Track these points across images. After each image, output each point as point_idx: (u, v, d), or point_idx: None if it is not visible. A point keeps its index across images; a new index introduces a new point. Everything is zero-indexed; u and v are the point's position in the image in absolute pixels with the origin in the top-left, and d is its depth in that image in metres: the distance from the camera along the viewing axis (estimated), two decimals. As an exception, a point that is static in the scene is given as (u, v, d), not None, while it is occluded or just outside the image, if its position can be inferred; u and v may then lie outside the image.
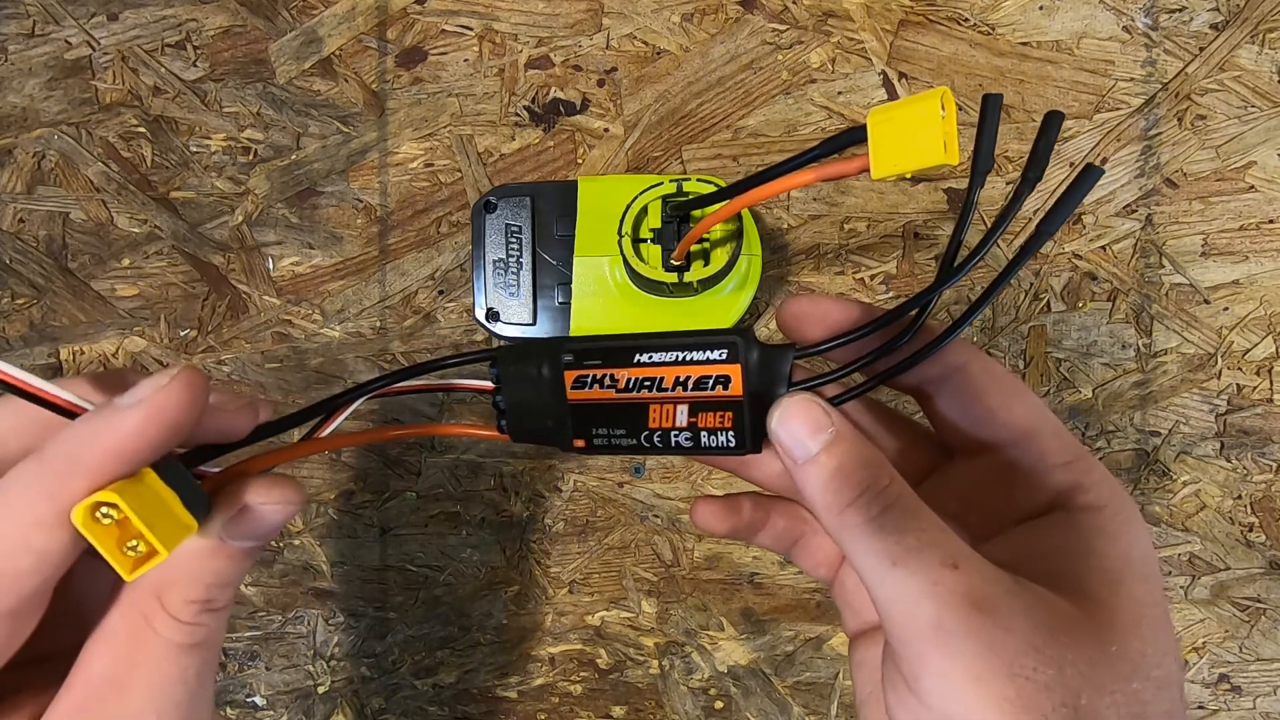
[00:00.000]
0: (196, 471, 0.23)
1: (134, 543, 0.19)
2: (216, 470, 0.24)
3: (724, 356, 0.24)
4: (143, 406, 0.20)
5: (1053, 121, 0.23)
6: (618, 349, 0.25)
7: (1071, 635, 0.20)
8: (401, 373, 0.26)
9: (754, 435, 0.24)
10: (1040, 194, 0.41)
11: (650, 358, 0.25)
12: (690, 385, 0.24)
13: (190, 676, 0.22)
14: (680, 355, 0.24)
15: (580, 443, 0.26)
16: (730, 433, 0.24)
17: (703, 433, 0.24)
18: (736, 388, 0.24)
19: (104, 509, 0.19)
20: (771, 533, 0.28)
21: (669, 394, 0.25)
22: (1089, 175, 0.23)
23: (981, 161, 0.23)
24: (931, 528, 0.21)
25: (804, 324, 0.25)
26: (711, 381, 0.24)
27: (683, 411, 0.25)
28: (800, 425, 0.22)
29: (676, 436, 0.25)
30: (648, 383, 0.25)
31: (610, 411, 0.25)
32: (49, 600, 0.22)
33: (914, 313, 0.24)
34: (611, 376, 0.25)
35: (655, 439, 0.25)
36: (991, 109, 0.23)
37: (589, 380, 0.25)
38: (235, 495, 0.22)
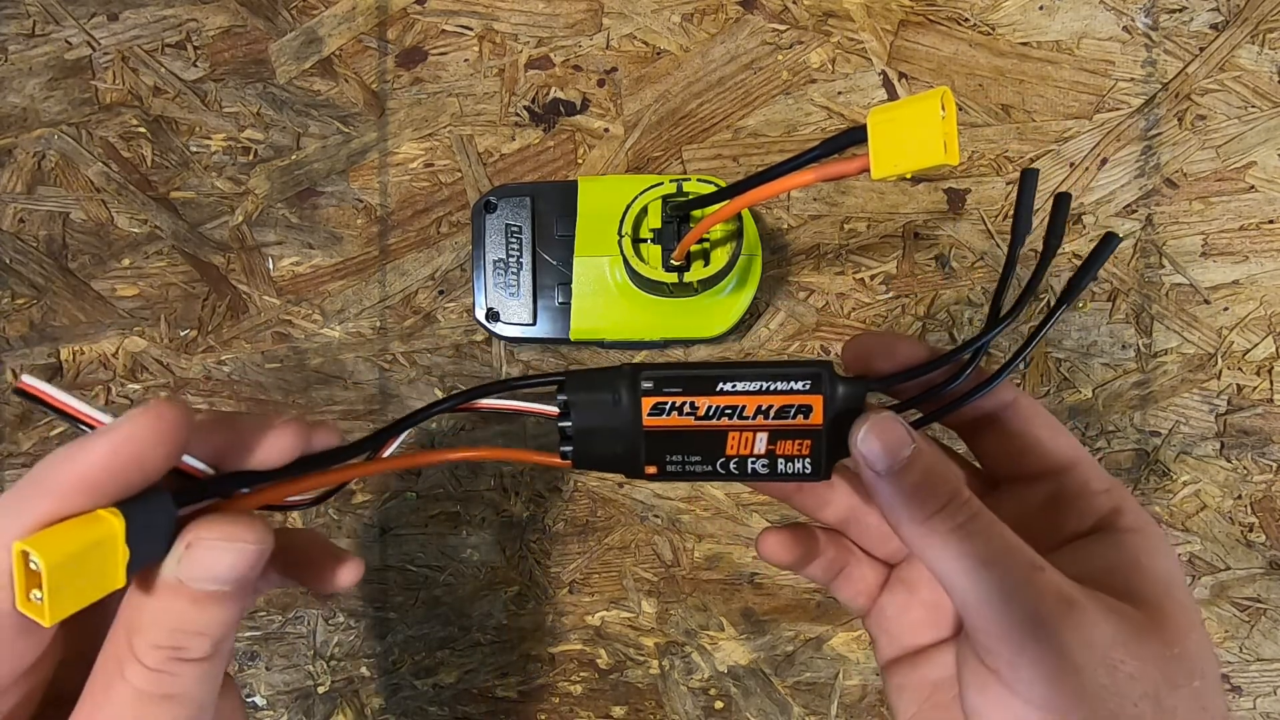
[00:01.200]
0: (236, 495, 0.23)
1: (37, 593, 0.18)
2: (246, 492, 0.23)
3: (807, 387, 0.25)
4: (108, 436, 0.20)
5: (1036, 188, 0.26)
6: (700, 377, 0.25)
7: (1144, 636, 0.22)
8: (467, 394, 0.26)
9: (829, 463, 0.25)
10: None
11: (734, 386, 0.25)
12: (772, 414, 0.25)
13: None
14: (764, 385, 0.25)
15: (653, 469, 0.26)
16: (807, 460, 0.25)
17: (780, 460, 0.25)
18: (817, 417, 0.25)
19: (32, 556, 0.18)
20: (822, 563, 0.30)
21: (749, 422, 0.25)
22: (1108, 244, 0.26)
23: (1022, 225, 0.26)
24: (1011, 535, 0.23)
25: (873, 359, 0.27)
26: (794, 411, 0.25)
27: (762, 439, 0.25)
28: (885, 441, 0.24)
29: (754, 464, 0.25)
30: (729, 411, 0.25)
31: (688, 438, 0.25)
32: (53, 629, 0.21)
33: (967, 356, 0.26)
34: (692, 404, 0.25)
35: (732, 465, 0.25)
36: (1028, 184, 0.26)
37: (668, 407, 0.25)
38: (185, 531, 0.21)
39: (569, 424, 0.26)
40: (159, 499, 0.21)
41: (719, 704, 0.43)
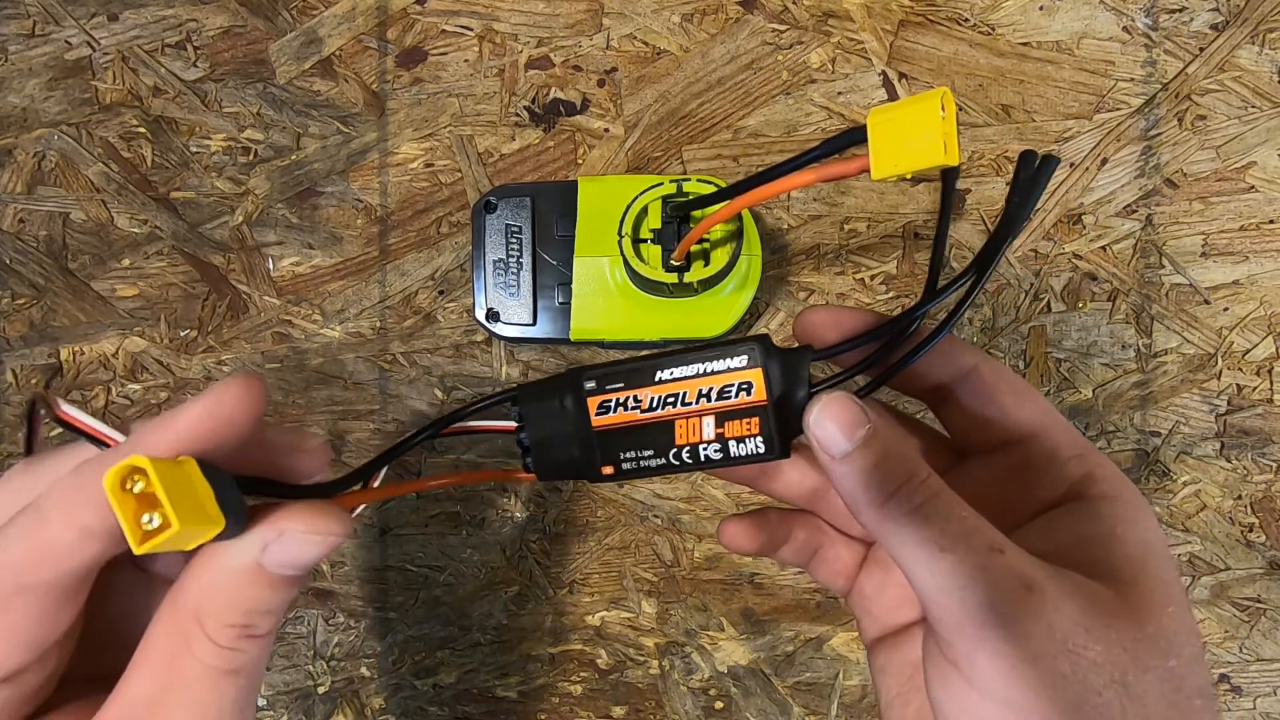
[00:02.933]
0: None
1: (150, 516, 0.19)
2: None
3: (744, 363, 0.24)
4: (200, 402, 0.21)
5: (1032, 163, 0.25)
6: (638, 369, 0.25)
7: (1112, 616, 0.21)
8: (429, 428, 0.27)
9: (782, 440, 0.25)
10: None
11: (671, 373, 0.25)
12: (714, 395, 0.25)
13: (227, 704, 0.22)
14: (701, 367, 0.25)
15: (609, 469, 0.26)
16: (759, 439, 0.25)
17: (731, 442, 0.25)
18: (760, 393, 0.24)
19: (134, 476, 0.19)
20: (793, 546, 0.29)
21: (693, 407, 0.25)
22: (1047, 165, 0.25)
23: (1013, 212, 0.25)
24: (971, 516, 0.22)
25: (820, 330, 0.26)
26: (735, 389, 0.25)
27: (709, 423, 0.25)
28: (839, 421, 0.23)
29: (705, 449, 0.25)
30: (671, 399, 0.25)
31: (637, 433, 0.25)
32: (85, 596, 0.22)
33: (906, 323, 0.25)
34: (635, 397, 0.25)
35: (684, 455, 0.25)
36: (1026, 165, 0.25)
37: (613, 404, 0.25)
38: (276, 519, 0.22)
39: (524, 435, 0.26)
40: (219, 470, 0.21)
41: (719, 704, 0.43)
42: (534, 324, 0.40)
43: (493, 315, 0.40)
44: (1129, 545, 0.23)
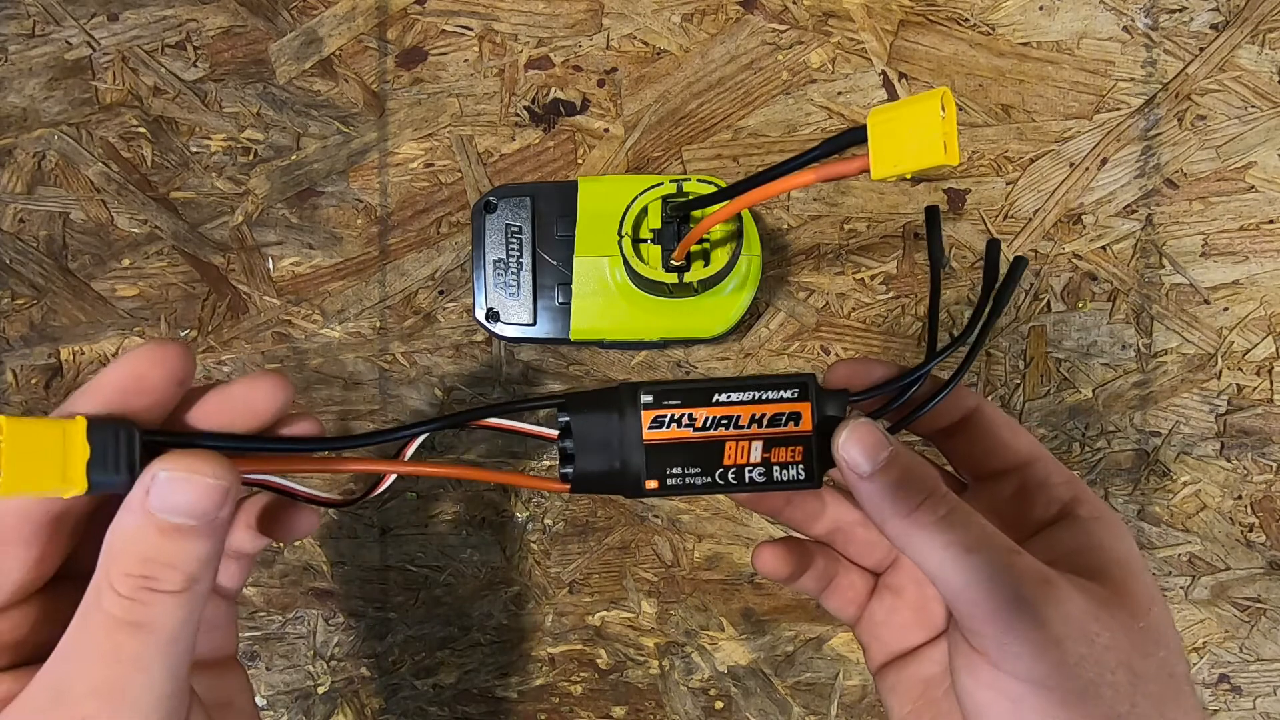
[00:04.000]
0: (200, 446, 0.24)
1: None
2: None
3: (796, 395, 0.27)
4: (116, 362, 0.23)
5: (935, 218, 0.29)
6: (696, 389, 0.27)
7: (1112, 610, 0.24)
8: (473, 412, 0.27)
9: (820, 471, 0.27)
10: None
11: (729, 396, 0.27)
12: (765, 422, 0.27)
13: (124, 656, 0.21)
14: (756, 394, 0.27)
15: (654, 484, 0.26)
16: (800, 466, 0.27)
17: (775, 467, 0.27)
18: (806, 423, 0.27)
19: None
20: (814, 573, 0.31)
21: (745, 431, 0.27)
22: (1018, 267, 0.29)
23: (937, 264, 0.30)
24: (988, 524, 0.25)
25: (851, 380, 0.29)
26: (785, 418, 0.27)
27: (757, 448, 0.27)
28: (865, 445, 0.25)
29: (750, 472, 0.27)
30: (725, 420, 0.27)
31: (687, 450, 0.27)
32: (57, 538, 0.24)
33: (920, 374, 0.28)
34: (690, 415, 0.27)
35: (730, 475, 0.27)
36: (933, 220, 0.29)
37: (668, 420, 0.27)
38: (154, 464, 0.22)
39: (569, 444, 0.27)
40: (125, 425, 0.22)
41: (719, 704, 0.43)
42: (534, 324, 0.40)
43: (493, 315, 0.40)
44: (1117, 555, 0.26)
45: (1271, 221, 0.41)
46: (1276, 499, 0.42)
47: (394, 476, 0.29)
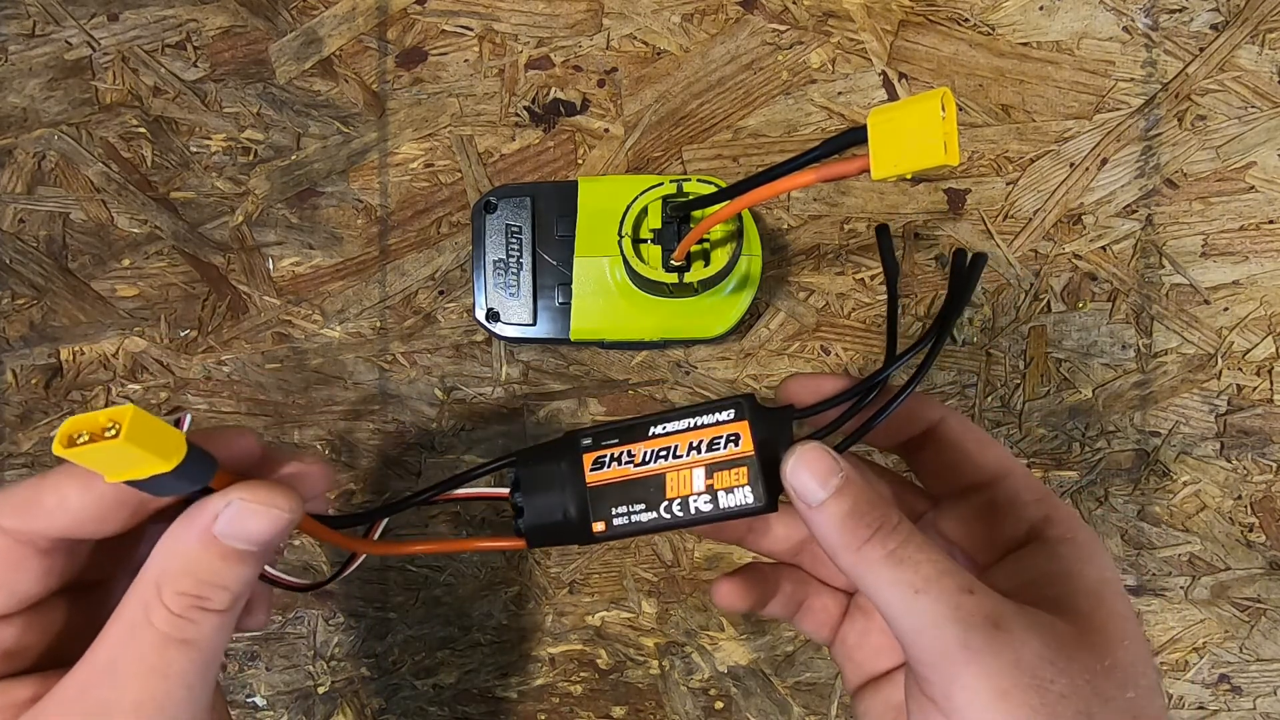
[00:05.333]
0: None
1: (82, 435, 0.20)
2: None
3: (732, 416, 0.26)
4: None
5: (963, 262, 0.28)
6: (632, 426, 0.26)
7: (1073, 650, 0.22)
8: (427, 491, 0.28)
9: (769, 494, 0.26)
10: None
11: (664, 428, 0.26)
12: (704, 448, 0.26)
13: (173, 672, 0.22)
14: (691, 421, 0.26)
15: (600, 526, 0.26)
16: (747, 489, 0.26)
17: (720, 494, 0.26)
18: (747, 444, 0.26)
19: (111, 428, 0.20)
20: (781, 599, 0.30)
21: (684, 460, 0.26)
22: (978, 263, 0.28)
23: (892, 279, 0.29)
24: (942, 559, 0.23)
25: (799, 395, 0.28)
26: (723, 441, 0.26)
27: (699, 475, 0.26)
28: (813, 471, 0.24)
29: (695, 501, 0.26)
30: (664, 452, 0.26)
31: (629, 487, 0.26)
32: (59, 567, 0.24)
33: (875, 383, 0.27)
34: (629, 452, 0.26)
35: (675, 508, 0.26)
36: (883, 238, 0.29)
37: (607, 460, 0.26)
38: (229, 490, 0.23)
39: (519, 497, 0.27)
40: (205, 453, 0.23)
41: (719, 704, 0.43)
42: (534, 324, 0.40)
43: (493, 315, 0.40)
44: (1087, 582, 0.25)
45: (1271, 221, 0.41)
46: (1276, 499, 0.42)
47: (364, 556, 0.29)
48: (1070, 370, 0.42)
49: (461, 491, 0.28)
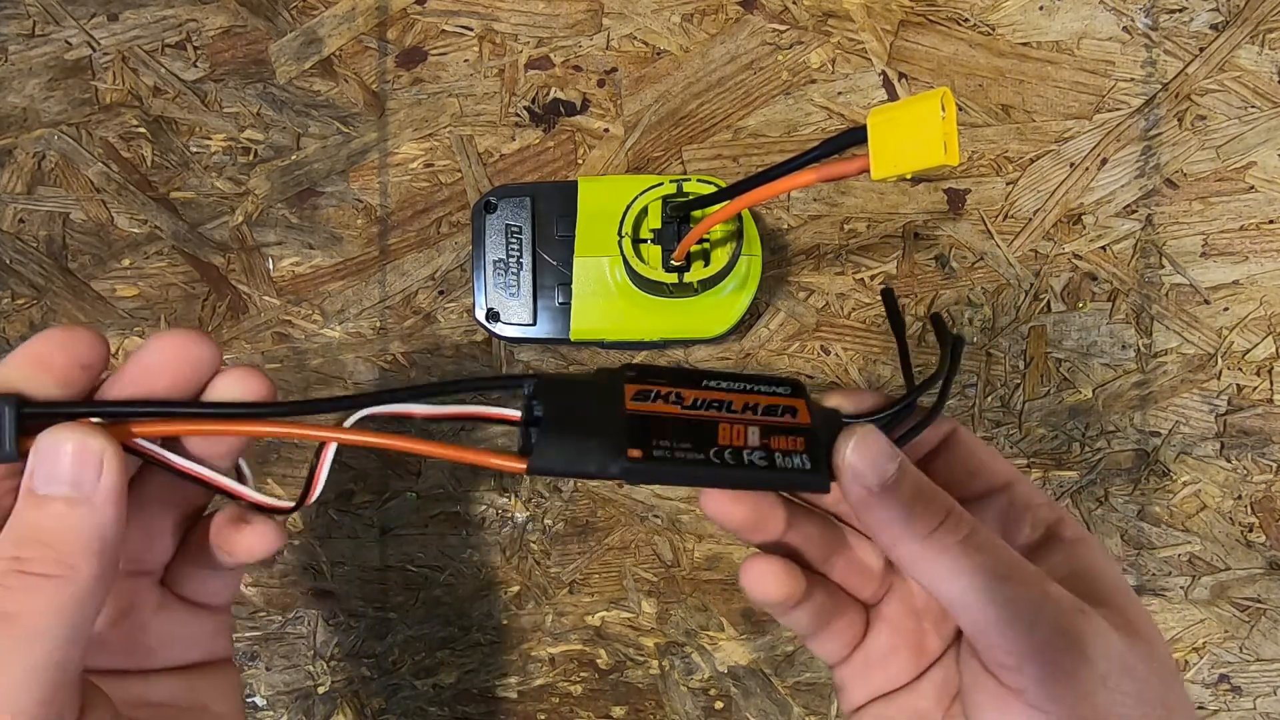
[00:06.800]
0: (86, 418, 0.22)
1: None
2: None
3: (789, 392, 0.25)
4: (24, 346, 0.22)
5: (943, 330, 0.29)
6: (684, 373, 0.24)
7: (1134, 639, 0.23)
8: (421, 388, 0.24)
9: (826, 469, 0.24)
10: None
11: (719, 384, 0.24)
12: (760, 410, 0.24)
13: None
14: (748, 386, 0.25)
15: (637, 453, 0.22)
16: (804, 455, 0.23)
17: (777, 454, 0.23)
18: (804, 417, 0.24)
19: None
20: (811, 608, 0.28)
21: (739, 415, 0.24)
22: (958, 347, 0.28)
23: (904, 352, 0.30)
24: (1009, 546, 0.23)
25: (844, 407, 0.28)
26: (780, 409, 0.24)
27: (754, 432, 0.24)
28: (874, 451, 0.23)
29: (749, 455, 0.23)
30: (716, 404, 0.24)
31: (675, 424, 0.23)
32: None
33: (909, 401, 0.26)
34: (678, 394, 0.24)
35: (727, 455, 0.23)
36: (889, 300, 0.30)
37: (652, 395, 0.24)
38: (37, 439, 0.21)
39: (537, 406, 0.23)
40: (6, 398, 0.21)
41: (719, 704, 0.43)
42: (534, 324, 0.40)
43: (493, 315, 0.40)
44: (1111, 579, 0.25)
45: (1271, 221, 0.41)
46: (1276, 499, 0.42)
47: (329, 464, 0.25)
48: (1070, 370, 0.42)
49: (465, 410, 0.24)
